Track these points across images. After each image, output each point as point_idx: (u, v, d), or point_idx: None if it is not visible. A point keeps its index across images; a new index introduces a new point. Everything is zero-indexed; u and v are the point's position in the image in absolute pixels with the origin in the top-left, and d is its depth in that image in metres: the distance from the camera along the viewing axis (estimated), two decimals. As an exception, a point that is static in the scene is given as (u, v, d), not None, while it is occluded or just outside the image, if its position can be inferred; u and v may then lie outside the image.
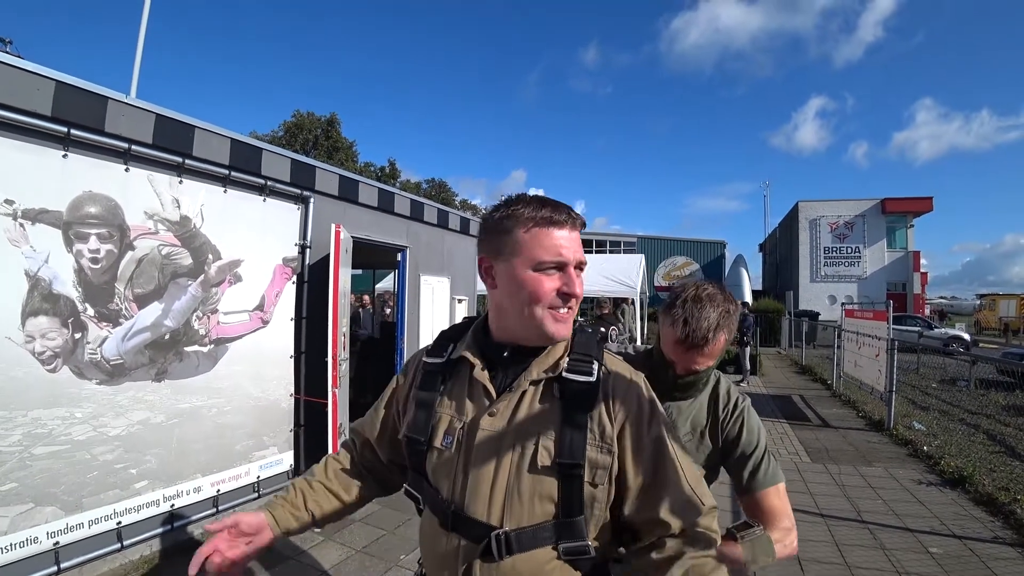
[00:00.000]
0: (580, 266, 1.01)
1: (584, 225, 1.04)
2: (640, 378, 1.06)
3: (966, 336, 19.99)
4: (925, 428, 6.82)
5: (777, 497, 1.42)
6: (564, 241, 0.98)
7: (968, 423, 7.31)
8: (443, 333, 1.17)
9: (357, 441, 1.28)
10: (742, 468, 1.44)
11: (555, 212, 0.98)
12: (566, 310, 1.00)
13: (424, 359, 1.14)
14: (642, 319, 13.59)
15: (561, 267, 0.98)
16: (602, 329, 1.15)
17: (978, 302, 38.74)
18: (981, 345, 21.62)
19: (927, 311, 29.21)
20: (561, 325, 1.00)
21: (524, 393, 0.99)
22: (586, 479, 0.94)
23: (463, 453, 0.99)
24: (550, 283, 0.97)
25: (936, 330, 19.96)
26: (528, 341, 1.03)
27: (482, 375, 1.03)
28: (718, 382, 1.53)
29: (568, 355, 1.02)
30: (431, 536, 1.02)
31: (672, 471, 0.97)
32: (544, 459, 0.94)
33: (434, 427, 1.04)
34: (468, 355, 1.05)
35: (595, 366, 1.00)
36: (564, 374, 0.99)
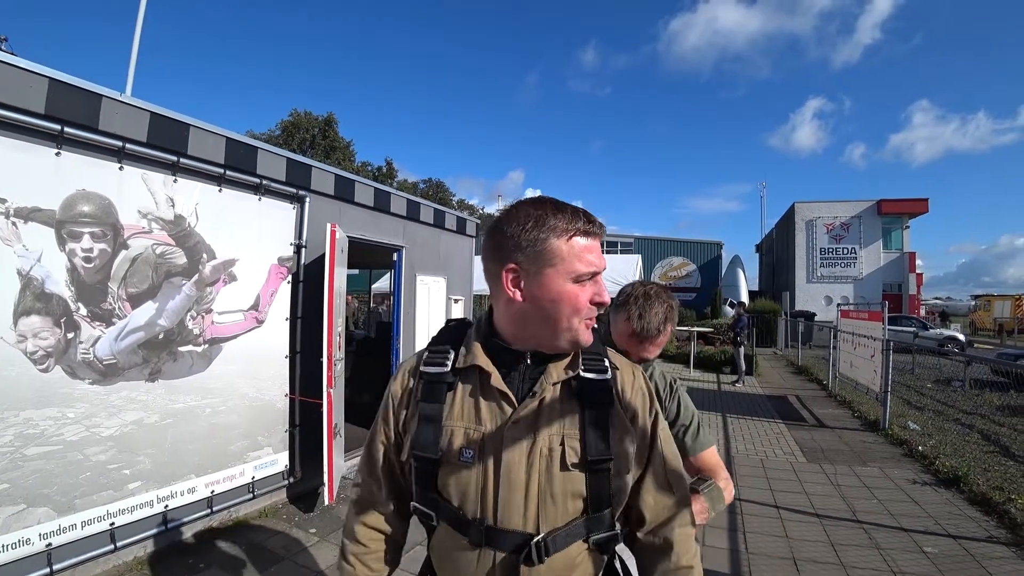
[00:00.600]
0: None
1: None
2: (639, 370, 1.12)
3: (961, 337, 20.05)
4: (920, 428, 6.85)
5: (713, 456, 1.67)
6: (597, 252, 1.00)
7: (963, 423, 7.33)
8: (437, 339, 1.11)
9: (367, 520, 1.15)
10: (683, 436, 1.65)
11: (589, 223, 0.98)
12: (592, 318, 1.01)
13: (423, 368, 1.06)
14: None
15: (593, 277, 0.99)
16: (595, 327, 1.18)
17: (973, 303, 38.90)
18: (976, 346, 21.73)
19: (922, 312, 29.29)
20: (591, 333, 1.01)
21: (545, 397, 0.99)
22: (613, 472, 0.97)
23: (489, 465, 0.96)
24: (585, 294, 0.98)
25: (931, 331, 20.03)
26: (554, 349, 1.02)
27: (500, 384, 1.00)
28: (652, 368, 1.71)
29: (581, 354, 1.05)
30: (457, 555, 0.99)
31: (659, 464, 1.05)
32: (572, 457, 0.96)
33: (449, 441, 0.99)
34: (483, 364, 1.01)
35: (606, 363, 1.05)
36: (583, 373, 1.02)
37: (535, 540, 0.92)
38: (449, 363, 1.04)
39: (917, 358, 12.62)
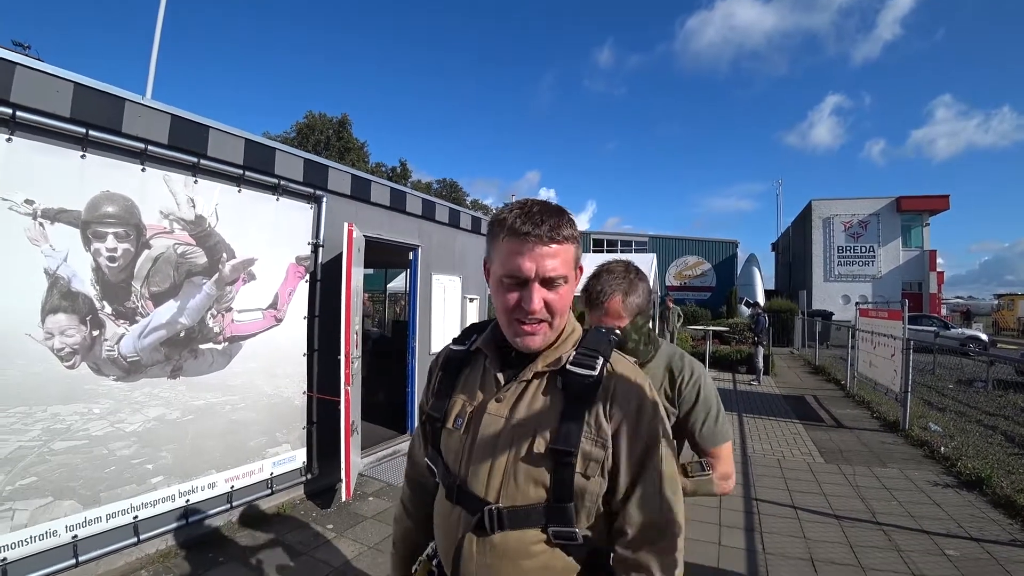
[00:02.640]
0: (548, 282, 0.99)
1: (571, 238, 1.01)
2: (645, 381, 1.07)
3: (984, 336, 19.65)
4: (941, 429, 6.73)
5: (725, 452, 1.65)
6: (527, 257, 0.97)
7: (985, 424, 7.19)
8: (471, 325, 1.24)
9: (410, 497, 1.34)
10: (701, 424, 1.64)
11: (528, 224, 0.97)
12: (533, 323, 1.00)
13: (451, 347, 1.21)
14: (653, 319, 13.53)
15: (522, 283, 0.99)
16: (614, 334, 1.18)
17: (996, 302, 38.10)
18: (999, 346, 21.27)
19: (944, 311, 28.73)
20: (528, 338, 1.01)
21: (528, 383, 1.04)
22: (578, 469, 0.96)
23: (470, 434, 1.05)
24: (511, 297, 1.00)
25: (953, 330, 19.66)
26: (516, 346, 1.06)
27: (493, 365, 1.09)
28: (675, 353, 1.73)
29: (575, 348, 1.05)
30: (440, 506, 1.11)
31: (651, 481, 0.98)
32: (539, 447, 0.98)
33: (449, 409, 1.11)
34: (483, 347, 1.12)
35: (599, 362, 1.02)
36: (567, 367, 1.02)
37: (488, 508, 0.97)
38: (468, 343, 1.17)
39: (938, 358, 12.41)
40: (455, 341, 1.21)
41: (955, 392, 9.66)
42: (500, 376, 1.08)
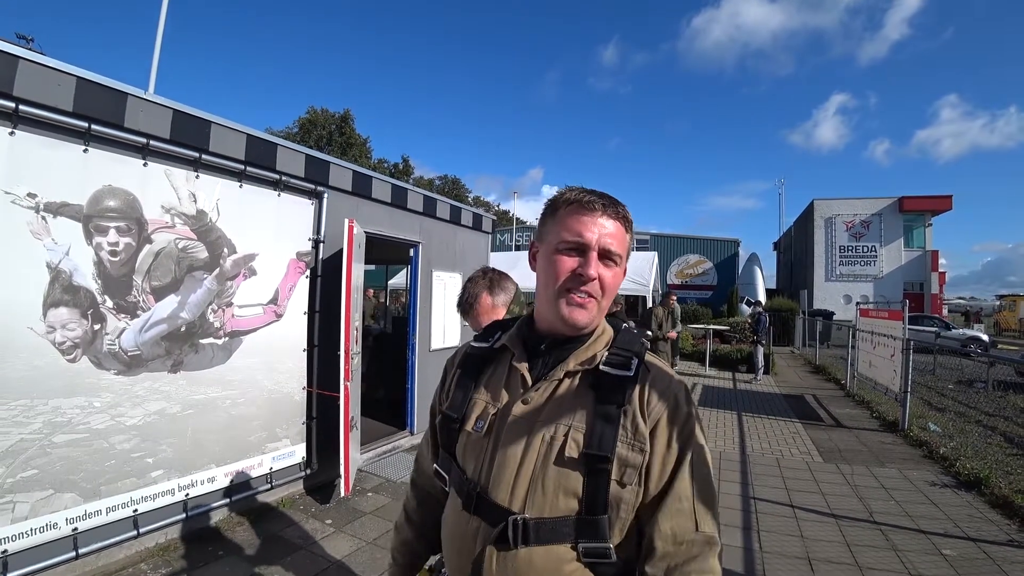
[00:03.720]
0: (607, 254, 0.97)
1: (628, 221, 1.01)
2: (678, 381, 1.01)
3: (985, 337, 19.60)
4: (940, 429, 6.73)
5: None
6: (590, 225, 0.96)
7: (985, 425, 7.19)
8: (494, 323, 1.18)
9: (417, 496, 1.28)
10: None
11: (591, 196, 0.97)
12: (584, 295, 0.96)
13: (471, 343, 1.15)
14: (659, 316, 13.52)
15: (582, 249, 0.96)
16: (647, 333, 1.14)
17: (998, 303, 38.05)
18: (1000, 346, 21.24)
19: (945, 311, 28.68)
20: (577, 310, 0.96)
21: (559, 383, 0.98)
22: (613, 476, 0.90)
23: (493, 438, 0.98)
24: (568, 264, 0.96)
25: (954, 331, 19.63)
26: (556, 328, 1.01)
27: (520, 364, 1.02)
28: None
29: (607, 349, 1.00)
30: (452, 517, 1.02)
31: (687, 487, 0.92)
32: (572, 451, 0.91)
33: (469, 410, 1.04)
34: (509, 344, 1.06)
35: (634, 362, 0.97)
36: (601, 367, 0.97)
37: (513, 518, 0.89)
38: (492, 341, 1.11)
39: (939, 359, 12.41)
40: (476, 338, 1.15)
41: (955, 392, 9.65)
42: (527, 375, 1.01)
